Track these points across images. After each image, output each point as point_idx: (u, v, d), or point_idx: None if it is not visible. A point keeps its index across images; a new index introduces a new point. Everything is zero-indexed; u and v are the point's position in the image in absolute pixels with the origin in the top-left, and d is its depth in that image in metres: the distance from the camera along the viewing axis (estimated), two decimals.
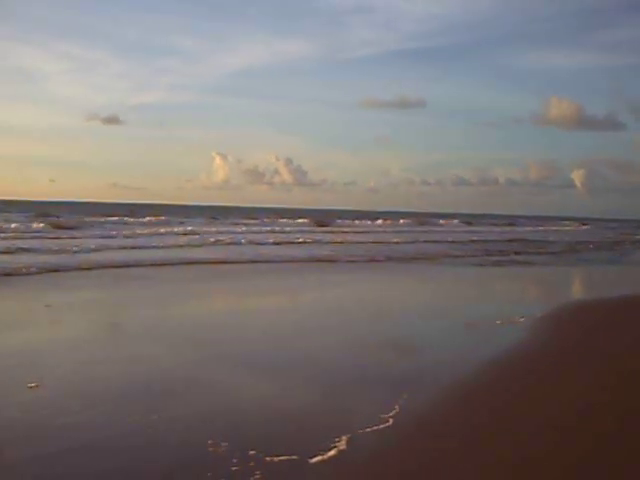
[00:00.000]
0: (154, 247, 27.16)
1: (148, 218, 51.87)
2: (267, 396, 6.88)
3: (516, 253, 33.15)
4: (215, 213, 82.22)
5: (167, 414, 6.11)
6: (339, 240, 36.36)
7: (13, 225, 35.78)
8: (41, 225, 36.38)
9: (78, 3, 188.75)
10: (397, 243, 36.76)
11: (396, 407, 6.41)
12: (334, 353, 9.12)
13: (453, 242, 40.03)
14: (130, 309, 13.21)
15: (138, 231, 36.50)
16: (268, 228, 47.13)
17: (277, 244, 32.40)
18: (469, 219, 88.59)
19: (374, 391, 7.13)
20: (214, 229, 43.48)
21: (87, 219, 46.80)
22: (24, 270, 17.07)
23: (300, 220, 60.97)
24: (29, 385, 6.80)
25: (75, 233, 33.83)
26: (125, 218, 51.03)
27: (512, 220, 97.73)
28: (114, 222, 46.33)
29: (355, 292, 17.08)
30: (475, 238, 44.68)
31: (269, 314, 12.93)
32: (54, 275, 17.34)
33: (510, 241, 43.59)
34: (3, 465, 4.87)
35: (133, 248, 26.22)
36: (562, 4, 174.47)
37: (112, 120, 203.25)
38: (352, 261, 25.29)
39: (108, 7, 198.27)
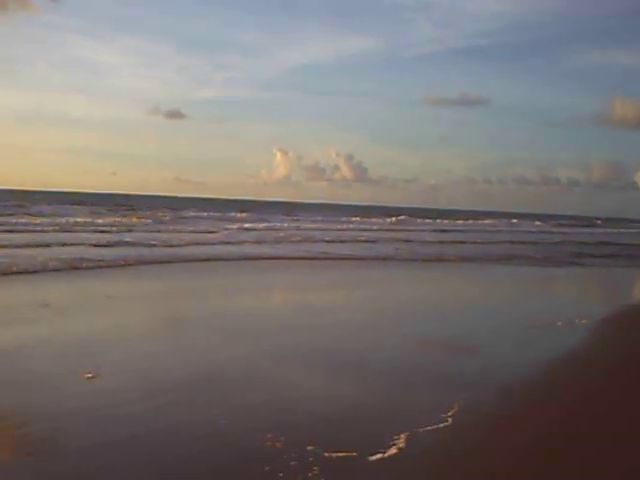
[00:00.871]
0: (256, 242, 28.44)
1: (233, 214, 54.57)
2: (325, 392, 6.84)
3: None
4: (284, 209, 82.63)
5: (226, 407, 6.11)
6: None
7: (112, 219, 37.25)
8: (148, 220, 38.40)
9: None
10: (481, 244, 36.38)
11: (455, 406, 6.28)
12: (393, 351, 9.01)
13: (553, 244, 39.13)
14: (197, 301, 13.21)
15: (229, 226, 38.35)
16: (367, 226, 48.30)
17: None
18: (534, 218, 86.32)
19: (433, 390, 7.02)
20: (313, 226, 44.78)
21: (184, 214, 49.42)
22: (102, 263, 17.41)
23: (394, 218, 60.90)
24: (86, 375, 6.87)
25: (177, 227, 35.31)
26: (207, 213, 53.34)
27: (588, 221, 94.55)
28: (204, 217, 48.42)
29: (421, 291, 16.97)
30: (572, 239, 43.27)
31: (331, 311, 12.83)
32: (139, 267, 17.72)
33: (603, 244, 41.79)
34: (65, 453, 4.92)
35: (227, 243, 27.20)
36: (627, 2, 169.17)
37: (174, 114, 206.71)
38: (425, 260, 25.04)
39: (172, 2, 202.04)
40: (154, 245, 23.36)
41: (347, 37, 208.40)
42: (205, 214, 52.47)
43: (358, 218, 59.89)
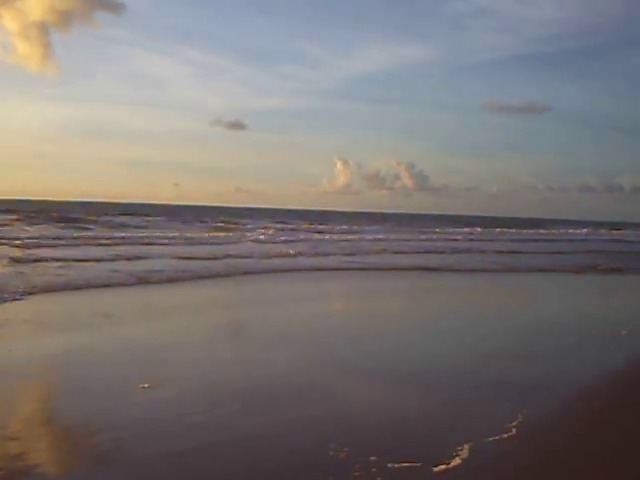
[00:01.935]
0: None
1: (331, 225, 55.85)
2: (387, 402, 6.78)
3: None
4: (350, 219, 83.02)
5: (289, 417, 6.11)
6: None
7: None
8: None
9: (203, 10, 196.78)
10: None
11: (519, 416, 6.16)
12: (457, 360, 8.91)
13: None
14: (260, 311, 13.23)
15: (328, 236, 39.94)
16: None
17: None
18: (600, 226, 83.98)
19: (497, 399, 6.91)
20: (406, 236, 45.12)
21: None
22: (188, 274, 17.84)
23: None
24: (142, 385, 6.93)
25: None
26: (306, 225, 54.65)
27: None
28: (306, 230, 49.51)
29: (484, 300, 16.73)
30: None
31: (398, 320, 12.83)
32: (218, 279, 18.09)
33: None
34: (131, 463, 4.96)
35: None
36: None
37: (236, 125, 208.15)
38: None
39: (231, 13, 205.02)
40: (247, 257, 23.97)
41: (406, 45, 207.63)
42: (278, 225, 53.31)
43: (438, 229, 59.52)
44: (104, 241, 28.09)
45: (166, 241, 30.07)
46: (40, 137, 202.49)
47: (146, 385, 6.96)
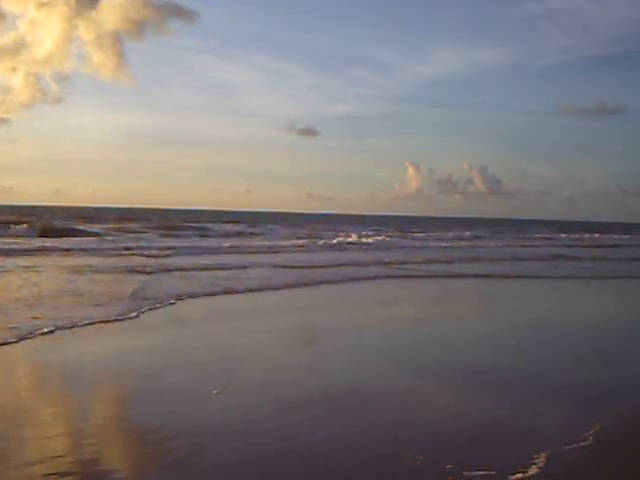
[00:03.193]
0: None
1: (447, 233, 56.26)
2: (462, 409, 6.72)
3: None
4: (427, 223, 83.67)
5: (363, 424, 6.10)
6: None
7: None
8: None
9: (273, 16, 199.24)
10: None
11: (596, 425, 6.00)
12: (535, 366, 8.77)
13: None
14: (340, 317, 13.28)
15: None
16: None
17: None
18: None
19: (572, 407, 6.75)
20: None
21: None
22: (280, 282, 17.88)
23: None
24: (213, 391, 6.99)
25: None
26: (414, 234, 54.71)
27: None
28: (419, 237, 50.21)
29: (565, 307, 16.31)
30: None
31: (482, 327, 12.71)
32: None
33: None
34: (208, 469, 5.01)
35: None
36: None
37: (308, 132, 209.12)
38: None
39: (301, 20, 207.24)
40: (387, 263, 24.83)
41: (477, 49, 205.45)
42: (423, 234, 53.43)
43: (540, 235, 58.99)
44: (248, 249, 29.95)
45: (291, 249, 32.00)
46: (113, 145, 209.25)
47: (215, 391, 7.00)
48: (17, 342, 9.11)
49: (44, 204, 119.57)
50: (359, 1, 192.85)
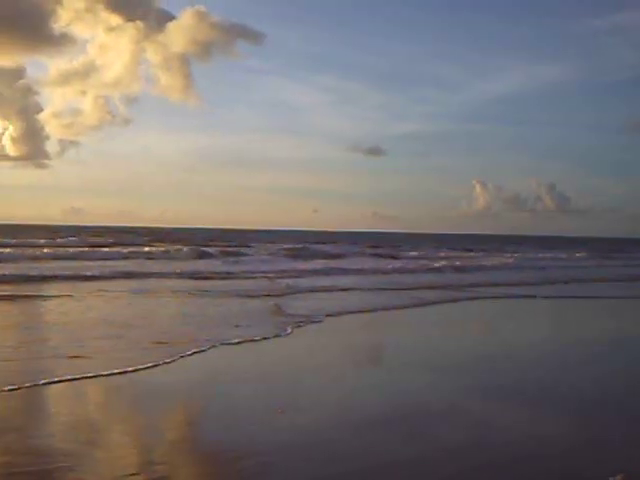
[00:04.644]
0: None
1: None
2: (536, 429, 6.63)
3: None
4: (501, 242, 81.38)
5: (430, 444, 6.10)
6: None
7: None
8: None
9: (337, 36, 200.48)
10: None
11: None
12: (607, 388, 8.69)
13: None
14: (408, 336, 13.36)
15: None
16: None
17: None
18: None
19: None
20: None
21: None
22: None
23: None
24: (278, 410, 7.02)
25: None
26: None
27: None
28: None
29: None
30: None
31: (557, 346, 12.58)
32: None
33: None
34: None
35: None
36: None
37: (374, 151, 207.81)
38: None
39: (364, 40, 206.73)
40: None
41: (541, 65, 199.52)
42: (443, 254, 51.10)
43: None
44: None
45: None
46: (181, 166, 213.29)
47: (280, 410, 7.04)
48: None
49: (117, 225, 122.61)
50: (421, 20, 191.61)
